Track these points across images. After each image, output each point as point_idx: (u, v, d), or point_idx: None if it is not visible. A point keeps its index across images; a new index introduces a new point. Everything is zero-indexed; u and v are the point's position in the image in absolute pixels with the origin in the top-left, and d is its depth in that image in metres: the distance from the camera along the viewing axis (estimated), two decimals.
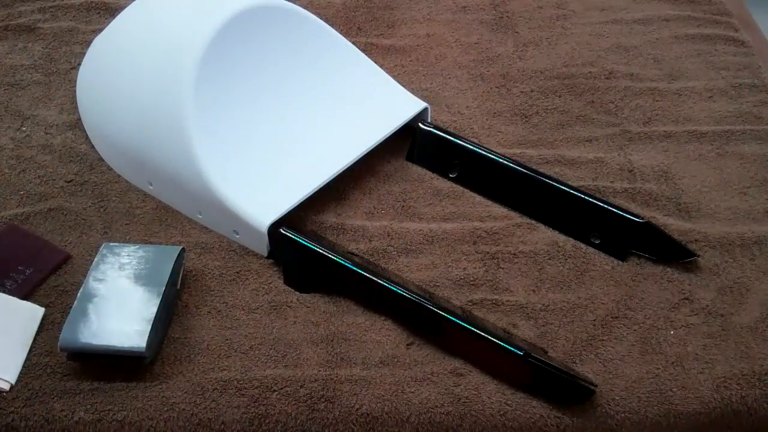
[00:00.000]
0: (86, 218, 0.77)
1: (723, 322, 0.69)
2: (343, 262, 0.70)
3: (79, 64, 0.90)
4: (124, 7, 0.88)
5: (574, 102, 0.90)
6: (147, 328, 0.64)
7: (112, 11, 0.99)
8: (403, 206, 0.79)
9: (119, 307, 0.66)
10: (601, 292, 0.72)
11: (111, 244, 0.71)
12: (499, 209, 0.79)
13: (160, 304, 0.66)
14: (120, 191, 0.80)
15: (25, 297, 0.70)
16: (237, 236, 0.74)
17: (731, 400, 0.64)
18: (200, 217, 0.76)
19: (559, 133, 0.86)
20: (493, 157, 0.80)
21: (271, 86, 0.79)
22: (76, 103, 0.88)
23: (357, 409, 0.63)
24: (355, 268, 0.70)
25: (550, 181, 0.78)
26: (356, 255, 0.74)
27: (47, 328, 0.68)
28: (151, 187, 0.79)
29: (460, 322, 0.66)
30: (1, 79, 0.92)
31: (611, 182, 0.81)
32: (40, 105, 0.89)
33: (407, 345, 0.68)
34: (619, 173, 0.82)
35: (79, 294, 0.67)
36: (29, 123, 0.87)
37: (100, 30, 0.88)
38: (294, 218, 0.75)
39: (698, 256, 0.74)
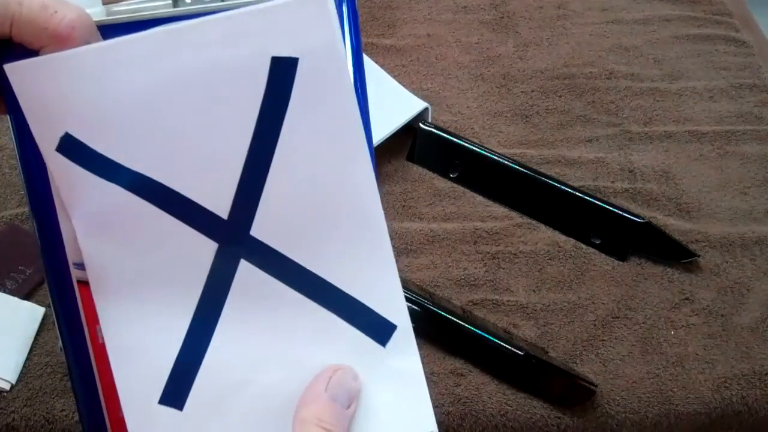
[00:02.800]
0: None
1: (723, 323, 0.69)
2: None
3: None
4: None
5: (574, 102, 0.90)
6: None
7: None
8: (404, 206, 0.79)
9: None
10: (601, 292, 0.72)
11: None
12: (499, 209, 0.79)
13: None
14: None
15: (25, 297, 0.70)
16: None
17: (732, 400, 0.64)
18: None
19: (559, 133, 0.86)
20: (493, 157, 0.80)
21: None
22: None
23: None
24: None
25: (551, 181, 0.78)
26: None
27: (47, 328, 0.68)
28: None
29: (460, 322, 0.66)
30: None
31: (612, 182, 0.81)
32: None
33: None
34: (620, 173, 0.82)
35: None
36: None
37: None
38: None
39: (699, 256, 0.74)
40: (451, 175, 0.81)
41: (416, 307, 0.67)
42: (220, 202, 0.32)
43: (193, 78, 0.31)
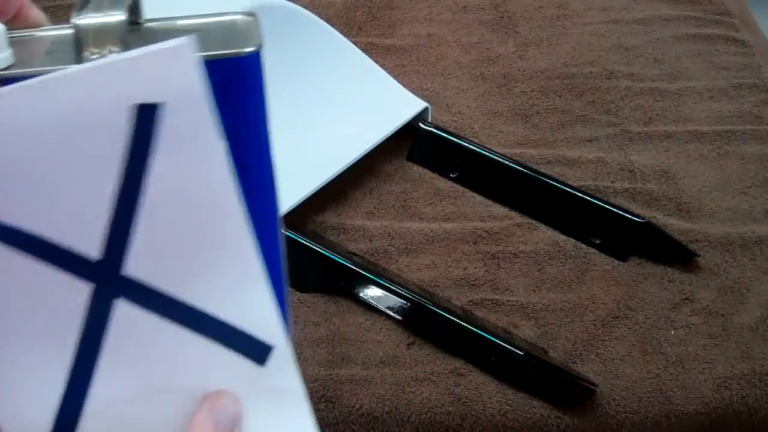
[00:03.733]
0: None
1: (724, 322, 0.69)
2: (343, 262, 0.70)
3: None
4: None
5: (574, 102, 0.90)
6: None
7: None
8: (404, 206, 0.79)
9: None
10: (601, 292, 0.72)
11: None
12: (499, 209, 0.79)
13: None
14: None
15: None
16: None
17: (732, 400, 0.64)
18: None
19: (559, 133, 0.86)
20: (493, 157, 0.81)
21: (271, 85, 0.79)
22: None
23: (357, 409, 0.63)
24: (355, 268, 0.70)
25: (551, 181, 0.78)
26: (357, 255, 0.74)
27: None
28: None
29: (460, 322, 0.66)
30: None
31: (612, 182, 0.81)
32: None
33: (408, 345, 0.68)
34: (620, 173, 0.82)
35: None
36: None
37: None
38: (294, 218, 0.75)
39: (699, 256, 0.74)
40: (451, 175, 0.81)
41: (416, 307, 0.67)
42: (91, 246, 0.33)
43: (56, 126, 0.31)
